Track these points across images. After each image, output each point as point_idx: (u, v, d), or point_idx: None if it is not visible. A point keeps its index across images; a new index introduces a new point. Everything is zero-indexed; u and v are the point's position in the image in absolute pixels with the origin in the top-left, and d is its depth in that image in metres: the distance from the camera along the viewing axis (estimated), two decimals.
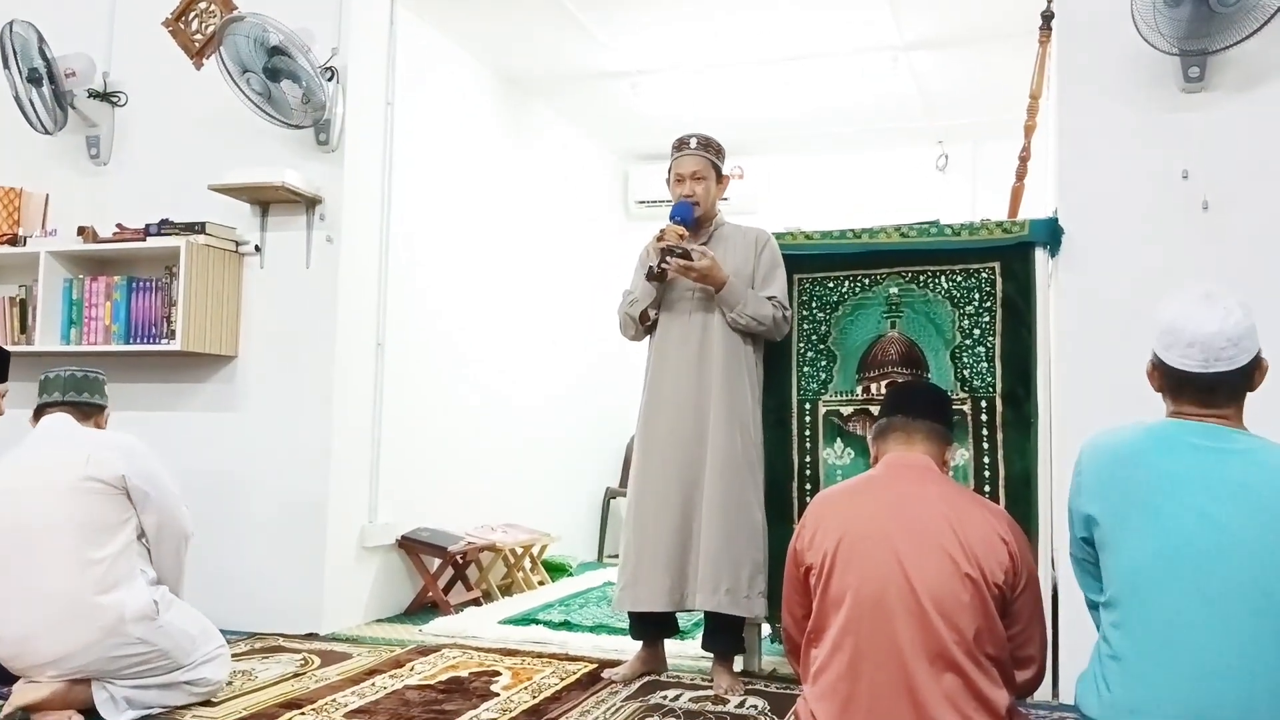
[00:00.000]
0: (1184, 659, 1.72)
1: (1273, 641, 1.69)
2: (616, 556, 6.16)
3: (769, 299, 3.34)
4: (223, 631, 3.14)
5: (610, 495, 6.56)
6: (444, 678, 3.31)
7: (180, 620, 2.80)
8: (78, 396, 2.94)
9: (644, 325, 3.44)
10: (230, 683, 3.09)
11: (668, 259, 3.26)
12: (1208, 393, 1.90)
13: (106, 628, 2.63)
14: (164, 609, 2.74)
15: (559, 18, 4.75)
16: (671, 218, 3.36)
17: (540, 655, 3.67)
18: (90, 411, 2.97)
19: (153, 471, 2.84)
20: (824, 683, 2.10)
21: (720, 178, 3.48)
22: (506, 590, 4.98)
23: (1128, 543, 1.84)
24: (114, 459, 2.76)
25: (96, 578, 2.65)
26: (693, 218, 3.38)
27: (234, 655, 3.35)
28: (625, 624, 3.58)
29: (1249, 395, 1.92)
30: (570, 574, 5.62)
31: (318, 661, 3.50)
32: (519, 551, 5.13)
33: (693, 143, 3.44)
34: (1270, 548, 1.73)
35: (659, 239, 3.33)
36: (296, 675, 3.30)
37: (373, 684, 3.20)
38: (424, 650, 3.69)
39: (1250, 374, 1.90)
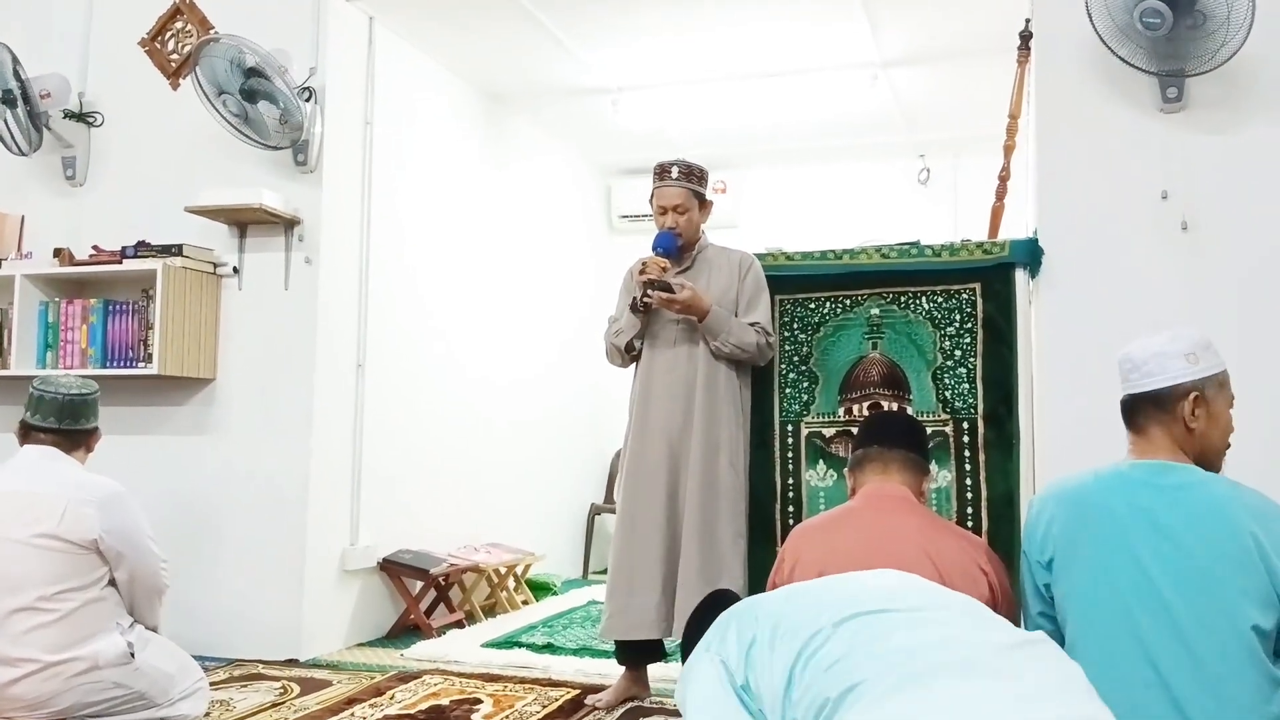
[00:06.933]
0: (1116, 695, 1.70)
1: (1193, 683, 1.72)
2: (602, 573, 6.19)
3: (753, 325, 3.32)
4: (202, 658, 3.10)
5: (595, 511, 6.53)
6: (424, 706, 3.27)
7: (156, 658, 2.75)
8: (73, 425, 2.81)
9: (629, 355, 3.42)
10: (208, 714, 3.06)
11: (649, 292, 3.24)
12: (1133, 418, 1.96)
13: (80, 675, 2.58)
14: (140, 649, 2.69)
15: (538, 36, 4.73)
16: (653, 248, 3.33)
17: (523, 681, 3.63)
18: (79, 439, 2.84)
19: (129, 530, 2.73)
20: None
21: (704, 204, 3.45)
22: (490, 611, 4.95)
23: (1077, 581, 1.90)
24: (89, 518, 2.64)
25: (67, 632, 2.59)
26: (675, 248, 3.36)
27: (213, 683, 3.30)
28: (609, 646, 3.55)
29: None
30: (555, 593, 5.58)
31: (297, 689, 3.46)
32: (502, 571, 5.10)
33: (674, 172, 3.39)
34: (1188, 588, 1.76)
35: (641, 271, 3.30)
36: (275, 705, 3.26)
37: (352, 714, 3.17)
38: (405, 677, 3.66)
39: (1171, 400, 1.91)
